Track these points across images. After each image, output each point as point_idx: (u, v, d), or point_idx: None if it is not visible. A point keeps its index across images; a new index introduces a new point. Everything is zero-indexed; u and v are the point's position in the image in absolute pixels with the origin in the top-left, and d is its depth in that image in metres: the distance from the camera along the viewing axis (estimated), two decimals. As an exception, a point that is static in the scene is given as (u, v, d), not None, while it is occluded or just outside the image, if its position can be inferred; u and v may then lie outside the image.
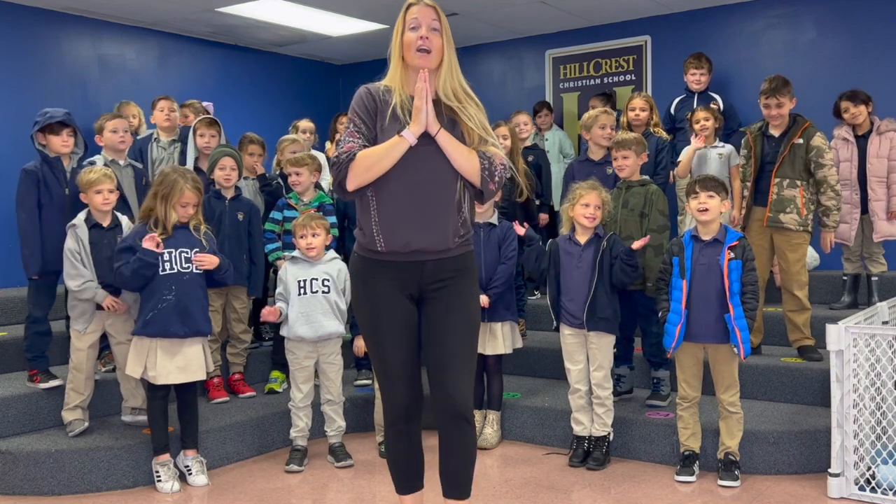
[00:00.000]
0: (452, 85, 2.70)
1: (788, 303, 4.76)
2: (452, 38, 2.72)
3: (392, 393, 2.79)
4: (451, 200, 2.67)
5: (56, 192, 4.24)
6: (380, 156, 2.59)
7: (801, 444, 4.03)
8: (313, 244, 4.26)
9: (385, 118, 2.66)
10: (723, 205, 3.90)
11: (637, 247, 4.15)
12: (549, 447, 4.53)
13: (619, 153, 4.52)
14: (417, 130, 2.59)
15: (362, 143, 2.65)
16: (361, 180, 2.62)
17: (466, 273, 2.77)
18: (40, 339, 4.34)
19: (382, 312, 2.73)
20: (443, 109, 2.68)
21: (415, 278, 2.71)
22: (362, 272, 2.77)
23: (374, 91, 2.72)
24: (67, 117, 4.26)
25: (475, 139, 2.68)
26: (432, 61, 2.66)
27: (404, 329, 2.74)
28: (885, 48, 6.35)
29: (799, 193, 4.63)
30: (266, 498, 3.87)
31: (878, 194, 5.31)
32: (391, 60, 2.73)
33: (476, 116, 2.69)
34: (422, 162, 2.62)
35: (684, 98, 6.36)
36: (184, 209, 3.95)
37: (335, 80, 9.16)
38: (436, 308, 2.74)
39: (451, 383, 2.71)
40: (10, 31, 6.47)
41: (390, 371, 2.77)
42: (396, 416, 2.82)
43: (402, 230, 2.64)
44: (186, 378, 3.94)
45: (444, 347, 2.72)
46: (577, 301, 4.16)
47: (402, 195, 2.63)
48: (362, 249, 2.75)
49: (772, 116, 4.69)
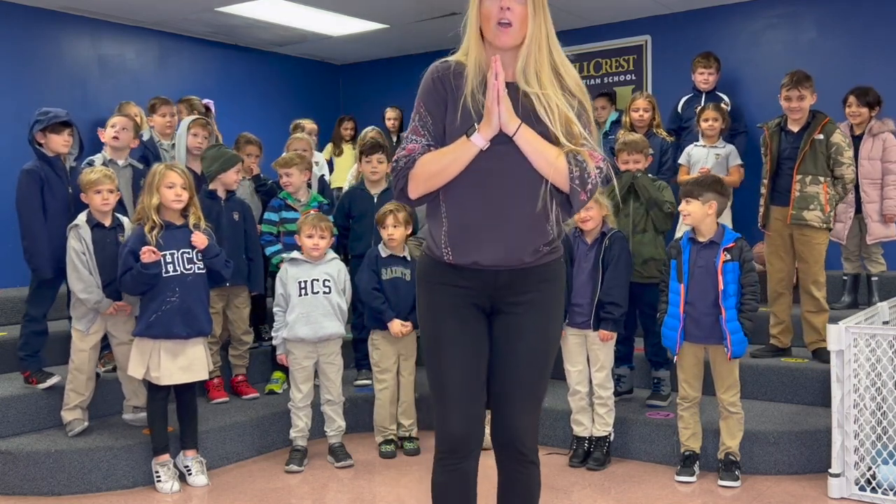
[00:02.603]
0: (539, 65, 2.20)
1: (807, 304, 4.72)
2: (545, 2, 2.22)
3: (446, 419, 2.31)
4: (532, 212, 2.20)
5: (59, 191, 4.23)
6: (444, 163, 2.18)
7: (801, 444, 4.03)
8: (319, 245, 4.26)
9: (458, 109, 2.22)
10: (707, 206, 3.87)
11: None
12: (549, 447, 4.52)
13: (630, 156, 4.51)
14: (488, 134, 2.14)
15: (426, 142, 2.24)
16: (426, 188, 2.21)
17: (551, 285, 2.33)
18: (36, 338, 4.32)
19: (447, 325, 2.31)
20: (520, 97, 2.21)
21: (487, 288, 2.29)
22: (428, 276, 2.36)
23: (443, 75, 2.25)
24: (69, 117, 4.26)
25: (558, 134, 2.19)
26: (514, 37, 2.17)
27: (469, 347, 2.31)
28: (885, 48, 6.34)
29: (822, 190, 4.59)
30: (266, 498, 3.87)
31: (870, 196, 5.30)
32: (465, 32, 2.24)
33: (559, 108, 2.19)
34: (499, 164, 2.18)
35: (691, 97, 6.30)
36: (170, 190, 3.90)
37: (335, 80, 9.16)
38: (509, 326, 2.31)
39: (514, 415, 2.31)
40: (10, 31, 6.46)
41: (448, 393, 2.30)
42: (448, 449, 2.32)
43: (471, 247, 2.23)
44: (189, 378, 3.94)
45: (512, 373, 2.31)
46: (581, 300, 4.17)
47: (474, 205, 2.20)
48: (430, 252, 2.35)
49: (792, 109, 4.64)
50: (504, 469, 2.41)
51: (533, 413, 2.36)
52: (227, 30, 7.57)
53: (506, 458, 2.39)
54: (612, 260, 4.13)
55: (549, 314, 2.35)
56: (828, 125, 4.63)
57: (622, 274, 4.18)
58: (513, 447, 2.35)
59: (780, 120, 4.77)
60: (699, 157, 5.58)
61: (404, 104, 7.39)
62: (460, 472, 2.35)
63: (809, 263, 4.65)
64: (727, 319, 3.77)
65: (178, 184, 3.92)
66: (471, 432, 2.32)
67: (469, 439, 2.32)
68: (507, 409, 2.32)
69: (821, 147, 4.61)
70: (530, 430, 2.35)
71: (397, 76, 8.59)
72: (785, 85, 4.64)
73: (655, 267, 4.39)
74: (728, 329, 3.77)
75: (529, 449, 2.36)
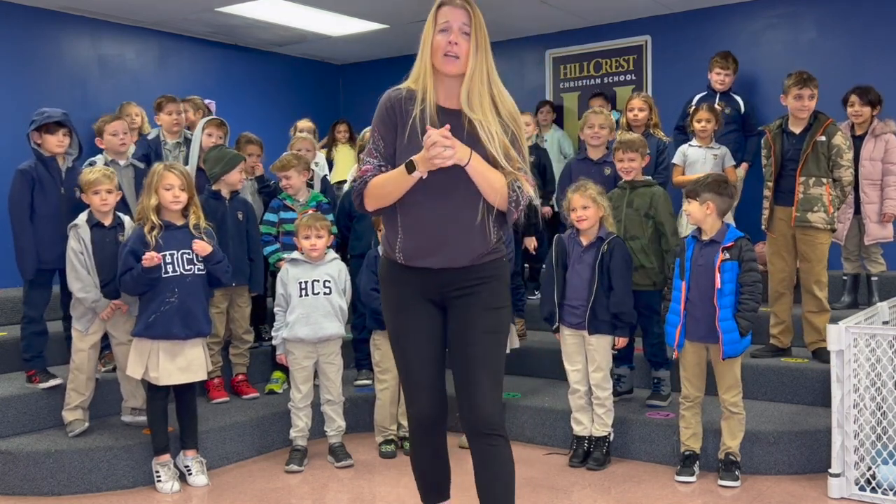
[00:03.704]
0: (480, 94, 2.51)
1: (808, 304, 4.72)
2: (488, 40, 2.54)
3: (415, 401, 2.68)
4: (473, 225, 2.53)
5: (51, 191, 4.23)
6: (388, 188, 2.50)
7: (801, 444, 4.03)
8: (317, 245, 4.26)
9: (406, 131, 2.52)
10: (705, 206, 3.87)
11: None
12: (549, 447, 4.53)
13: (625, 155, 4.50)
14: (425, 170, 2.42)
15: (378, 163, 2.56)
16: (379, 204, 2.56)
17: (493, 279, 2.62)
18: (37, 338, 4.33)
19: (405, 318, 2.65)
20: (464, 122, 2.52)
21: (436, 285, 2.60)
22: (387, 276, 2.69)
23: (394, 103, 2.57)
24: (64, 117, 4.25)
25: (497, 160, 2.50)
26: (459, 67, 2.50)
27: (427, 334, 2.64)
28: (885, 48, 6.34)
29: (825, 191, 4.58)
30: (266, 498, 3.87)
31: (870, 197, 5.30)
32: (418, 61, 2.57)
33: (497, 135, 2.50)
34: (448, 183, 2.47)
35: (705, 96, 6.24)
36: (168, 192, 3.90)
37: (335, 80, 9.16)
38: (460, 315, 2.61)
39: (477, 395, 2.56)
40: (10, 31, 6.46)
41: (412, 378, 2.66)
42: (418, 425, 2.71)
43: (422, 253, 2.55)
44: (188, 378, 3.94)
45: (470, 357, 2.58)
46: (577, 302, 4.17)
47: (425, 218, 2.52)
48: (386, 254, 2.68)
49: (802, 108, 4.60)
50: (476, 448, 2.62)
51: (494, 391, 2.61)
52: (227, 30, 7.57)
53: (475, 436, 2.61)
54: (616, 267, 4.12)
55: (494, 303, 2.62)
56: (830, 127, 4.62)
57: (629, 281, 4.19)
58: (481, 424, 2.58)
59: (782, 121, 4.76)
60: (695, 157, 5.57)
61: (404, 104, 7.37)
62: (431, 445, 2.74)
63: (812, 263, 4.65)
64: (720, 318, 3.77)
65: (176, 185, 3.91)
66: (434, 405, 2.67)
67: (433, 415, 2.68)
68: (470, 389, 2.58)
69: (822, 149, 4.60)
70: (494, 405, 2.60)
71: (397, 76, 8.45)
72: (794, 84, 4.59)
73: (645, 274, 4.39)
74: (721, 328, 3.76)
75: (497, 423, 2.59)
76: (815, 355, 4.72)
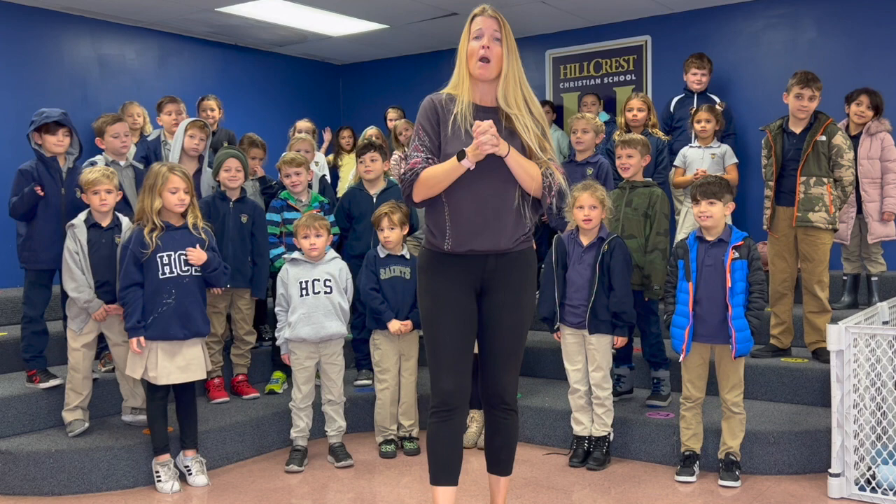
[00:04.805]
0: (515, 93, 2.84)
1: (809, 304, 4.72)
2: (517, 47, 2.86)
3: (440, 379, 2.88)
4: (511, 209, 2.83)
5: (52, 191, 4.23)
6: (439, 178, 2.76)
7: (801, 444, 4.03)
8: (316, 244, 4.26)
9: (448, 127, 2.83)
10: (726, 208, 3.89)
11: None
12: (549, 447, 4.53)
13: (623, 151, 4.51)
14: (474, 160, 2.71)
15: (426, 156, 2.82)
16: (427, 195, 2.81)
17: (526, 268, 2.93)
18: (37, 338, 4.33)
19: (442, 302, 2.87)
20: (501, 117, 2.83)
21: (478, 271, 2.87)
22: (430, 266, 2.92)
23: (437, 101, 2.88)
24: (63, 117, 4.24)
25: (532, 150, 2.83)
26: (492, 70, 2.81)
27: (461, 320, 2.88)
28: (885, 48, 6.35)
29: (826, 191, 4.58)
30: (266, 498, 3.87)
31: (871, 195, 5.30)
32: (456, 69, 2.89)
33: (532, 128, 2.84)
34: (487, 173, 2.76)
35: (683, 97, 6.34)
36: (173, 195, 3.90)
37: (335, 80, 9.16)
38: (494, 300, 2.90)
39: (499, 373, 2.95)
40: (10, 31, 6.47)
41: (441, 357, 2.88)
42: (440, 402, 2.89)
43: (468, 237, 2.82)
44: (187, 378, 3.94)
45: (498, 339, 2.92)
46: (577, 302, 4.17)
47: (469, 205, 2.80)
48: (431, 245, 2.91)
49: (801, 108, 4.59)
50: (491, 416, 3.04)
51: (514, 370, 3.00)
52: (227, 30, 7.57)
53: (493, 406, 3.01)
54: (616, 268, 4.12)
55: (526, 288, 2.95)
56: (830, 126, 4.61)
57: (629, 281, 4.19)
58: (499, 398, 2.99)
59: (782, 121, 4.76)
60: (694, 158, 5.58)
61: (404, 104, 7.39)
62: (450, 423, 2.90)
63: (814, 263, 4.64)
64: (734, 317, 3.77)
65: (182, 188, 3.92)
66: (459, 387, 2.88)
67: (457, 393, 2.88)
68: (495, 368, 2.96)
69: (823, 148, 4.59)
70: (513, 384, 3.00)
71: (397, 76, 8.59)
72: (797, 83, 4.58)
73: (641, 274, 4.39)
74: (734, 326, 3.77)
75: (512, 398, 3.01)
76: (815, 355, 4.72)
